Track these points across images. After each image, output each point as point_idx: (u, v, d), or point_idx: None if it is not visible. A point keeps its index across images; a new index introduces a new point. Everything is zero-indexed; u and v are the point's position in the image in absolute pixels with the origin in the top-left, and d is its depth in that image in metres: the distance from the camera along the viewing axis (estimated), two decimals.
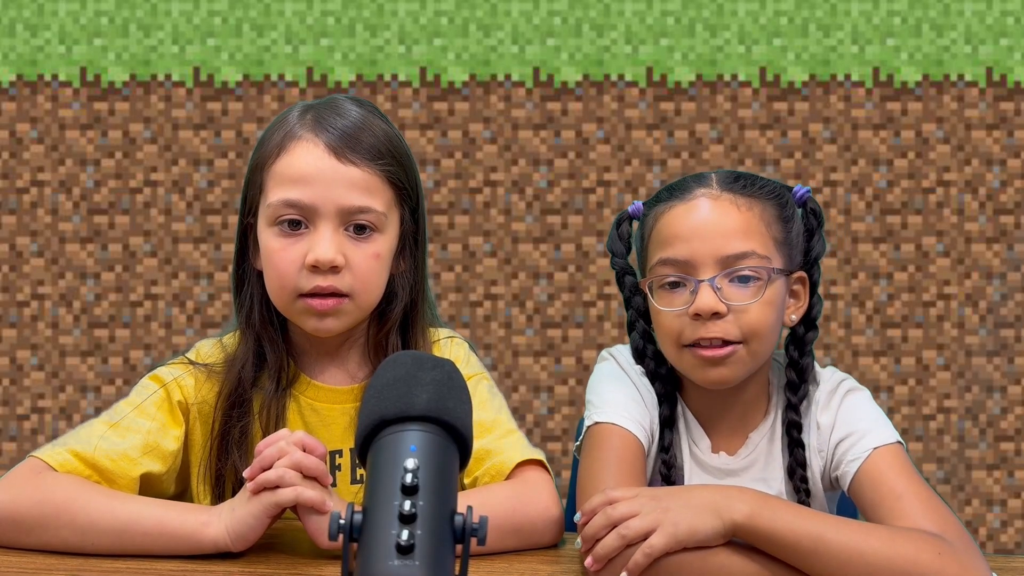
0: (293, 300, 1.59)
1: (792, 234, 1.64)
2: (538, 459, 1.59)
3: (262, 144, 1.63)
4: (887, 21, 2.96)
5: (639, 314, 1.69)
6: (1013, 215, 2.97)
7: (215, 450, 1.61)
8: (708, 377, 1.60)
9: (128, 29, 2.95)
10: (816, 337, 1.68)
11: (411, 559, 0.96)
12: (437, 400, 1.07)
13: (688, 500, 1.42)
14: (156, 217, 2.97)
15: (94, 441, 1.54)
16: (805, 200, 1.67)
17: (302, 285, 1.57)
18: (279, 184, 1.58)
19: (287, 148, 1.59)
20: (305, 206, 1.56)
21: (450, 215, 2.98)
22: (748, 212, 1.60)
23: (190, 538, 1.45)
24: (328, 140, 1.58)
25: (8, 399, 2.98)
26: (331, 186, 1.56)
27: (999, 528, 2.98)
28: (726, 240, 1.58)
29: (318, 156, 1.57)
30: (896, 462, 1.55)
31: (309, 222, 1.57)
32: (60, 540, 1.46)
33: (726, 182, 1.62)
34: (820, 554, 1.39)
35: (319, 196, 1.56)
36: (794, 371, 1.66)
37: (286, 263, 1.57)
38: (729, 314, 1.57)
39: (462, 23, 2.96)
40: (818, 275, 1.68)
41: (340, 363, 1.67)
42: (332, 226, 1.56)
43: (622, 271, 1.70)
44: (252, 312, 1.63)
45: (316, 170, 1.57)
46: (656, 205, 1.65)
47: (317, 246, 1.55)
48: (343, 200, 1.57)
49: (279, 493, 1.42)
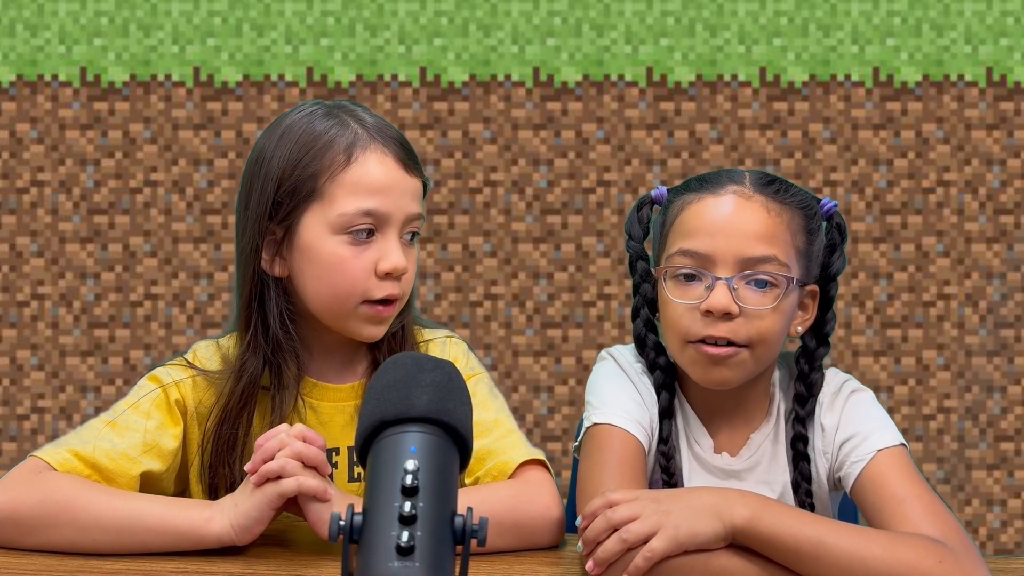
0: (356, 306, 1.60)
1: (814, 247, 1.62)
2: (540, 459, 1.59)
3: (310, 150, 1.60)
4: (887, 21, 2.96)
5: (645, 301, 1.67)
6: (1013, 215, 2.97)
7: (210, 454, 1.61)
8: (708, 376, 1.59)
9: (128, 29, 2.95)
10: (827, 353, 1.66)
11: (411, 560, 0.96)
12: (437, 402, 1.08)
13: (689, 503, 1.41)
14: (156, 217, 2.97)
15: (94, 440, 1.54)
16: (832, 214, 1.65)
17: (372, 292, 1.59)
18: (352, 193, 1.58)
19: (357, 157, 1.59)
20: (380, 215, 1.58)
21: (450, 215, 2.98)
22: (777, 218, 1.58)
23: (194, 533, 1.46)
24: (395, 151, 1.61)
25: (8, 399, 2.98)
26: (402, 196, 1.60)
27: (999, 528, 2.98)
28: (750, 241, 1.56)
29: (391, 166, 1.60)
30: (899, 465, 1.54)
31: (379, 230, 1.59)
32: (62, 539, 1.46)
33: (760, 183, 1.60)
34: (821, 559, 1.38)
35: (393, 205, 1.59)
36: (803, 385, 1.65)
37: (358, 270, 1.58)
38: (740, 316, 1.55)
39: (462, 23, 2.96)
40: (835, 291, 1.66)
41: (338, 361, 1.67)
42: (397, 234, 1.60)
43: (636, 255, 1.67)
44: (270, 321, 1.61)
45: (391, 180, 1.60)
46: (684, 193, 1.63)
47: (391, 254, 1.59)
48: (410, 209, 1.61)
49: (282, 483, 1.43)
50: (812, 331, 1.66)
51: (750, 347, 1.57)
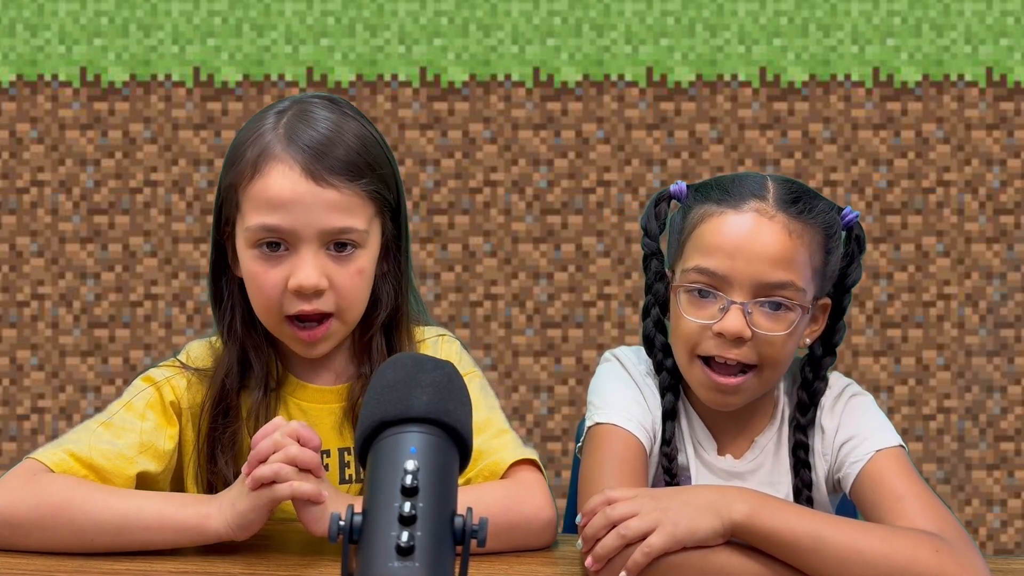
0: (280, 322, 1.57)
1: (831, 264, 1.61)
2: (531, 459, 1.59)
3: (235, 158, 1.57)
4: (887, 21, 2.96)
5: (657, 301, 1.66)
6: (1013, 215, 2.97)
7: (204, 454, 1.61)
8: (715, 400, 1.60)
9: (128, 29, 2.95)
10: (833, 363, 1.66)
11: (411, 561, 0.96)
12: (437, 402, 1.08)
13: (688, 500, 1.42)
14: (156, 217, 2.97)
15: (89, 441, 1.54)
16: (852, 225, 1.63)
17: (287, 308, 1.55)
18: (255, 208, 1.53)
19: (261, 170, 1.53)
20: (285, 231, 1.53)
21: (450, 215, 2.98)
22: (797, 240, 1.55)
23: (193, 530, 1.46)
24: (304, 161, 1.52)
25: (8, 399, 2.98)
26: (310, 210, 1.52)
27: (999, 528, 2.98)
28: (768, 266, 1.54)
29: (294, 180, 1.52)
30: (897, 464, 1.55)
31: (289, 245, 1.54)
32: (59, 540, 1.46)
33: (783, 203, 1.56)
34: (819, 553, 1.39)
35: (298, 221, 1.52)
36: (806, 393, 1.64)
37: (269, 286, 1.54)
38: (751, 339, 1.55)
39: (462, 23, 2.96)
40: (848, 302, 1.65)
41: (326, 364, 1.66)
42: (313, 249, 1.53)
43: (651, 253, 1.65)
44: (235, 320, 1.61)
45: (294, 195, 1.52)
46: (705, 203, 1.59)
47: (299, 271, 1.52)
48: (323, 223, 1.53)
49: (275, 489, 1.42)
50: (820, 340, 1.65)
51: (759, 368, 1.57)
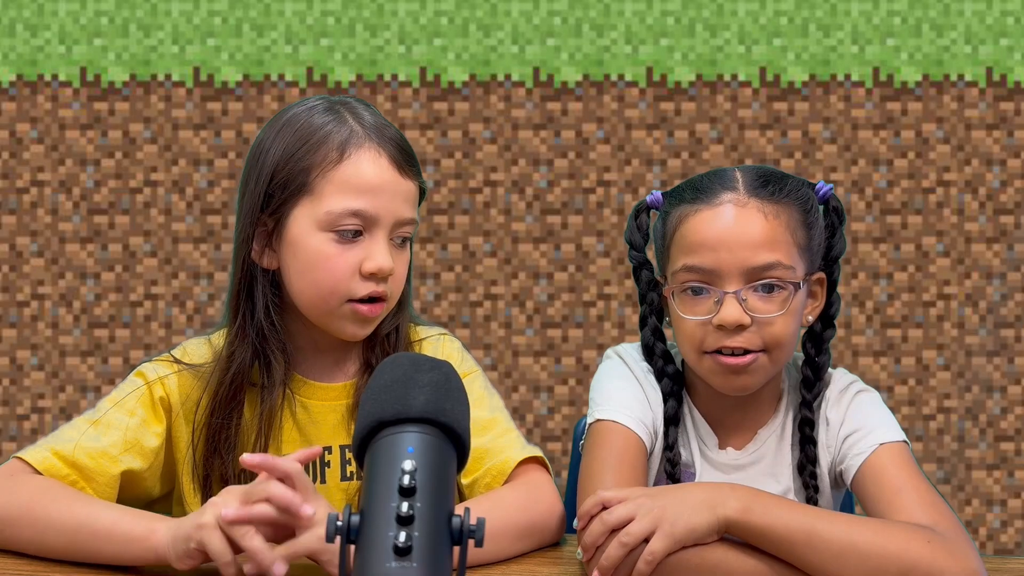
0: (339, 305, 1.58)
1: (814, 238, 1.62)
2: (537, 456, 1.60)
3: (305, 144, 1.59)
4: (887, 21, 2.96)
5: (652, 310, 1.67)
6: (1013, 215, 2.97)
7: (201, 449, 1.61)
8: (730, 384, 1.60)
9: (128, 29, 2.95)
10: (834, 335, 1.68)
11: (408, 561, 0.96)
12: (435, 402, 1.08)
13: (683, 498, 1.43)
14: (156, 217, 2.97)
15: (76, 439, 1.54)
16: (828, 198, 1.65)
17: (355, 291, 1.57)
18: (341, 191, 1.57)
19: (350, 155, 1.58)
20: (369, 216, 1.57)
21: (450, 215, 2.98)
22: (775, 220, 1.57)
23: (137, 542, 1.41)
24: (390, 152, 1.59)
25: (8, 399, 2.98)
26: (393, 198, 1.58)
27: (999, 528, 2.98)
28: (752, 251, 1.56)
29: (384, 167, 1.58)
30: (900, 459, 1.56)
31: (366, 229, 1.57)
32: (23, 541, 1.46)
33: (753, 187, 1.59)
34: (813, 547, 1.40)
35: (383, 207, 1.57)
36: (810, 368, 1.66)
37: (340, 269, 1.57)
38: (752, 324, 1.56)
39: (462, 23, 2.96)
40: (838, 273, 1.67)
41: (331, 360, 1.66)
42: (385, 235, 1.58)
43: (639, 264, 1.67)
44: (258, 313, 1.60)
45: (382, 182, 1.58)
46: (679, 205, 1.62)
47: (377, 255, 1.57)
48: (401, 213, 1.59)
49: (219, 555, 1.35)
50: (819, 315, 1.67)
51: (767, 351, 1.58)
